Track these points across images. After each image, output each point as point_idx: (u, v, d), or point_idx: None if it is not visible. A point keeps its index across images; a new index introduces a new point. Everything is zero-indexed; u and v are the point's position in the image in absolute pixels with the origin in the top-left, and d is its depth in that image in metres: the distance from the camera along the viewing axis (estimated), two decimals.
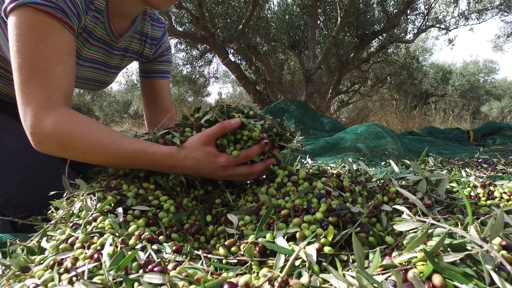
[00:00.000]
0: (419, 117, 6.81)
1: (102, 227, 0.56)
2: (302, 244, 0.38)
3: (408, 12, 6.04)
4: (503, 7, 6.61)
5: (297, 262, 0.44)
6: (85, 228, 0.57)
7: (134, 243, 0.51)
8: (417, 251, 0.40)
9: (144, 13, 0.99)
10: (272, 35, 6.25)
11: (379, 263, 0.39)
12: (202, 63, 7.81)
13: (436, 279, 0.35)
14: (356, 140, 2.37)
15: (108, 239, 0.49)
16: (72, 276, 0.42)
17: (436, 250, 0.37)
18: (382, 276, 0.37)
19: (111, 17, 0.86)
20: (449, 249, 0.39)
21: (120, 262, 0.43)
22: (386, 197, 0.66)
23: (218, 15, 5.64)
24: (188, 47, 7.18)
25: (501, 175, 1.28)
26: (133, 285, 0.40)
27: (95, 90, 1.08)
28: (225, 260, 0.50)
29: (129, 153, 0.67)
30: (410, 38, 6.90)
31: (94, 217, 0.59)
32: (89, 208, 0.61)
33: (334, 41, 5.25)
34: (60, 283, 0.42)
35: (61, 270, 0.45)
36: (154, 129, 0.78)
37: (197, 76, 7.94)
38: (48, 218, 0.67)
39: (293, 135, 0.79)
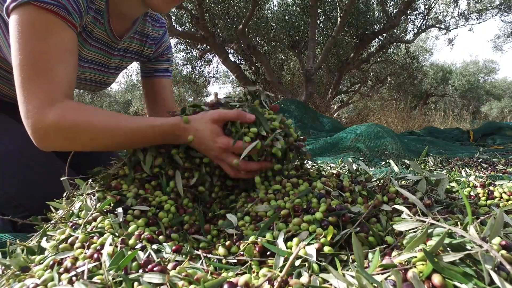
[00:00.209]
0: (419, 117, 6.81)
1: (102, 227, 0.56)
2: (302, 244, 0.38)
3: (408, 12, 6.04)
4: (503, 7, 6.61)
5: (297, 262, 0.44)
6: (85, 228, 0.57)
7: (134, 243, 0.51)
8: (417, 251, 0.40)
9: (145, 14, 0.98)
10: (272, 35, 6.25)
11: (379, 263, 0.39)
12: (202, 63, 7.82)
13: (436, 279, 0.35)
14: (356, 140, 2.37)
15: (108, 239, 0.49)
16: (72, 276, 0.42)
17: (436, 250, 0.37)
18: (382, 276, 0.37)
19: (111, 18, 0.86)
20: (449, 249, 0.39)
21: (120, 262, 0.43)
22: (386, 197, 0.66)
23: (218, 15, 5.64)
24: (188, 47, 7.18)
25: (501, 175, 1.28)
26: (133, 285, 0.40)
27: (96, 91, 1.07)
28: (225, 260, 0.50)
29: (137, 130, 0.68)
30: (410, 38, 6.90)
31: (94, 217, 0.59)
32: (89, 208, 0.61)
33: (334, 41, 5.25)
34: (60, 283, 0.42)
35: (61, 270, 0.45)
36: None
37: (197, 76, 7.95)
38: (48, 218, 0.67)
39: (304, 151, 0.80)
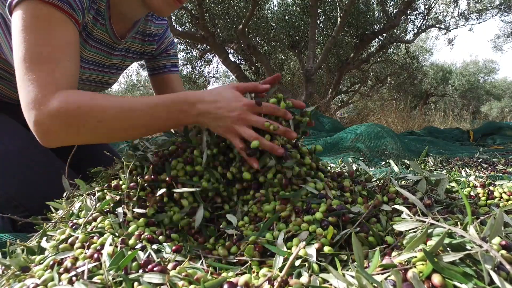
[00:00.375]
0: (419, 117, 6.81)
1: (102, 227, 0.56)
2: (302, 244, 0.38)
3: (408, 12, 6.04)
4: (503, 7, 6.62)
5: (297, 262, 0.44)
6: (85, 228, 0.57)
7: (134, 243, 0.51)
8: (417, 251, 0.40)
9: (147, 14, 0.98)
10: (272, 35, 6.26)
11: (379, 263, 0.39)
12: (202, 63, 7.82)
13: (436, 279, 0.35)
14: (356, 140, 2.37)
15: (108, 239, 0.49)
16: (72, 276, 0.42)
17: (436, 250, 0.37)
18: (382, 276, 0.37)
19: (113, 19, 0.86)
20: (449, 249, 0.39)
21: (120, 262, 0.43)
22: (386, 197, 0.66)
23: (218, 15, 5.64)
24: (188, 47, 7.19)
25: (501, 175, 1.28)
26: (133, 285, 0.40)
27: (98, 91, 1.05)
28: (225, 260, 0.50)
29: (146, 106, 0.64)
30: (410, 38, 6.91)
31: (94, 217, 0.59)
32: (89, 208, 0.61)
33: (334, 41, 5.25)
34: (60, 283, 0.42)
35: (61, 270, 0.45)
36: None
37: (197, 76, 7.95)
38: (48, 218, 0.67)
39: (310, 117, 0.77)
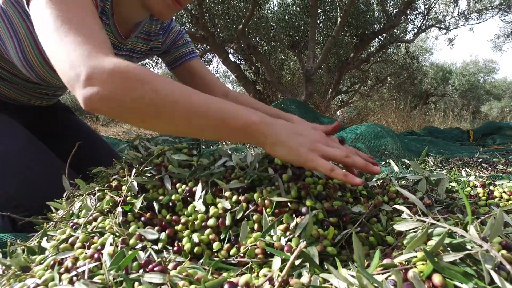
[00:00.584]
0: (419, 117, 6.81)
1: (103, 227, 0.56)
2: (302, 244, 0.38)
3: (408, 12, 6.04)
4: (503, 7, 6.61)
5: (297, 262, 0.45)
6: (85, 228, 0.57)
7: (135, 243, 0.51)
8: (417, 251, 0.40)
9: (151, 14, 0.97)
10: (272, 35, 6.25)
11: (379, 263, 0.39)
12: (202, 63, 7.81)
13: (436, 279, 0.35)
14: (356, 140, 2.37)
15: (109, 239, 0.49)
16: (73, 276, 0.42)
17: (436, 250, 0.37)
18: (382, 276, 0.37)
19: (116, 19, 0.85)
20: (449, 249, 0.39)
21: (121, 262, 0.43)
22: (386, 197, 0.66)
23: (218, 15, 5.64)
24: None
25: (501, 175, 1.28)
26: (134, 285, 0.40)
27: None
28: (225, 261, 0.50)
29: (213, 100, 0.57)
30: (410, 38, 6.91)
31: (94, 217, 0.59)
32: (89, 208, 0.61)
33: (334, 41, 5.25)
34: (61, 283, 0.42)
35: (62, 270, 0.45)
36: None
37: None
38: (49, 218, 0.67)
39: None
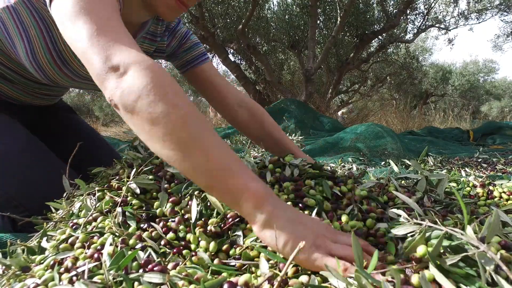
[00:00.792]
0: (419, 117, 6.82)
1: (102, 227, 0.56)
2: (302, 243, 0.38)
3: (408, 12, 6.04)
4: (503, 7, 6.62)
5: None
6: (85, 228, 0.57)
7: (134, 243, 0.51)
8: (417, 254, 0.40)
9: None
10: (272, 35, 6.26)
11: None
12: None
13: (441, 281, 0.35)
14: (356, 140, 2.37)
15: (108, 239, 0.49)
16: (73, 276, 0.42)
17: (436, 254, 0.37)
18: (384, 277, 0.37)
19: (123, 20, 0.85)
20: (449, 250, 0.39)
21: (120, 262, 0.43)
22: (386, 197, 0.66)
23: (218, 15, 5.64)
24: None
25: (501, 175, 1.28)
26: (133, 285, 0.40)
27: None
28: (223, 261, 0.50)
29: (222, 145, 0.50)
30: (410, 38, 6.91)
31: (94, 217, 0.59)
32: (89, 208, 0.61)
33: (334, 41, 5.25)
34: (61, 283, 0.42)
35: (62, 270, 0.45)
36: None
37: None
38: (49, 218, 0.67)
39: None
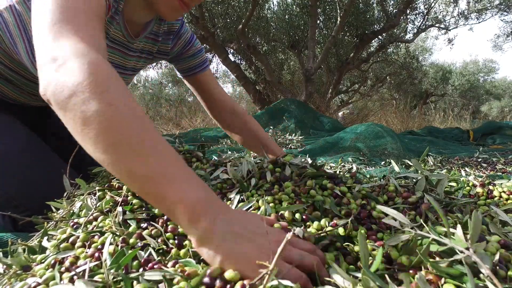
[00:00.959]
0: (419, 117, 6.82)
1: (103, 226, 0.56)
2: (290, 235, 0.37)
3: (408, 12, 6.04)
4: (503, 7, 6.62)
5: None
6: (86, 228, 0.57)
7: (135, 242, 0.51)
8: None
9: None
10: (272, 35, 6.26)
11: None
12: None
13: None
14: (356, 140, 2.37)
15: (109, 238, 0.49)
16: (73, 275, 0.43)
17: (425, 254, 0.37)
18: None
19: (126, 19, 0.86)
20: (441, 254, 0.39)
21: (121, 261, 0.43)
22: (386, 196, 0.67)
23: (218, 15, 5.64)
24: None
25: (501, 175, 1.28)
26: (132, 284, 0.40)
27: None
28: None
29: (162, 149, 0.46)
30: (410, 38, 6.91)
31: (95, 217, 0.59)
32: (90, 208, 0.61)
33: (334, 41, 5.25)
34: (61, 282, 0.42)
35: (62, 269, 0.45)
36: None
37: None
38: (49, 218, 0.67)
39: None
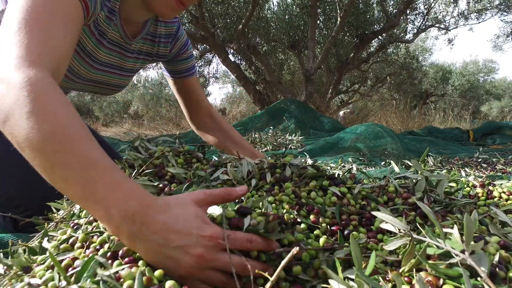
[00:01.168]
0: (419, 117, 6.82)
1: (103, 226, 0.56)
2: (295, 250, 0.38)
3: (408, 12, 6.05)
4: (503, 7, 6.62)
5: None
6: (86, 228, 0.57)
7: None
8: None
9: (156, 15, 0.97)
10: (272, 35, 6.26)
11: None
12: (202, 63, 7.82)
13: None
14: (356, 140, 2.37)
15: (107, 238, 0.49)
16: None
17: (422, 260, 0.37)
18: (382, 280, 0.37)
19: (123, 20, 0.86)
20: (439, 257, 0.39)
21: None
22: (386, 197, 0.67)
23: (218, 15, 5.64)
24: None
25: (500, 175, 1.28)
26: None
27: (109, 94, 1.04)
28: None
29: (88, 161, 0.45)
30: (410, 38, 6.91)
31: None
32: None
33: (334, 41, 5.25)
34: (60, 283, 0.42)
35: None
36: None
37: (197, 76, 7.94)
38: (50, 219, 0.67)
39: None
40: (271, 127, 3.53)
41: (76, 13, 0.66)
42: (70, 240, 0.53)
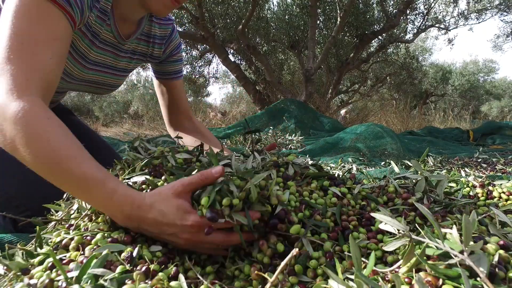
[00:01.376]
0: (419, 117, 6.82)
1: (96, 227, 0.56)
2: (295, 251, 0.38)
3: (408, 12, 6.05)
4: (503, 7, 6.62)
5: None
6: (79, 229, 0.57)
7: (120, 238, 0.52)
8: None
9: (151, 15, 0.98)
10: (272, 35, 6.26)
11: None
12: (202, 63, 7.82)
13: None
14: (356, 140, 2.37)
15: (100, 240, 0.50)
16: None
17: (420, 260, 0.37)
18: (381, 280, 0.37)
19: (117, 20, 0.86)
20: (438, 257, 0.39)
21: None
22: (386, 197, 0.66)
23: (218, 15, 5.64)
24: (188, 47, 7.19)
25: (500, 175, 1.28)
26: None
27: (103, 94, 1.06)
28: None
29: (84, 178, 0.54)
30: (410, 38, 6.91)
31: (89, 217, 0.60)
32: (84, 209, 0.62)
33: (334, 41, 5.25)
34: (60, 283, 0.42)
35: (59, 272, 0.45)
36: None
37: (197, 76, 7.95)
38: (49, 220, 0.67)
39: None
40: (271, 127, 3.53)
41: (62, 27, 0.68)
42: (64, 242, 0.53)
